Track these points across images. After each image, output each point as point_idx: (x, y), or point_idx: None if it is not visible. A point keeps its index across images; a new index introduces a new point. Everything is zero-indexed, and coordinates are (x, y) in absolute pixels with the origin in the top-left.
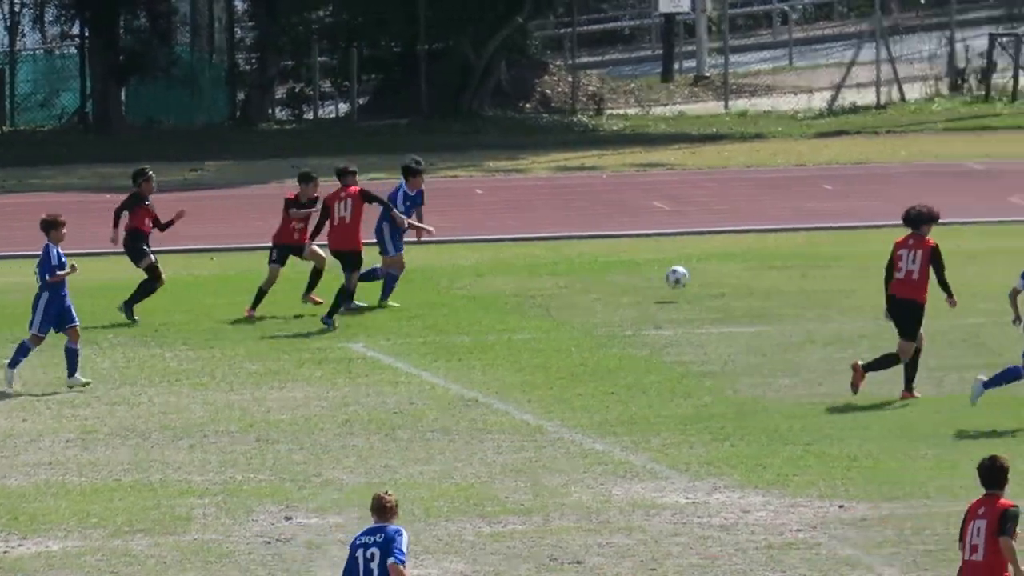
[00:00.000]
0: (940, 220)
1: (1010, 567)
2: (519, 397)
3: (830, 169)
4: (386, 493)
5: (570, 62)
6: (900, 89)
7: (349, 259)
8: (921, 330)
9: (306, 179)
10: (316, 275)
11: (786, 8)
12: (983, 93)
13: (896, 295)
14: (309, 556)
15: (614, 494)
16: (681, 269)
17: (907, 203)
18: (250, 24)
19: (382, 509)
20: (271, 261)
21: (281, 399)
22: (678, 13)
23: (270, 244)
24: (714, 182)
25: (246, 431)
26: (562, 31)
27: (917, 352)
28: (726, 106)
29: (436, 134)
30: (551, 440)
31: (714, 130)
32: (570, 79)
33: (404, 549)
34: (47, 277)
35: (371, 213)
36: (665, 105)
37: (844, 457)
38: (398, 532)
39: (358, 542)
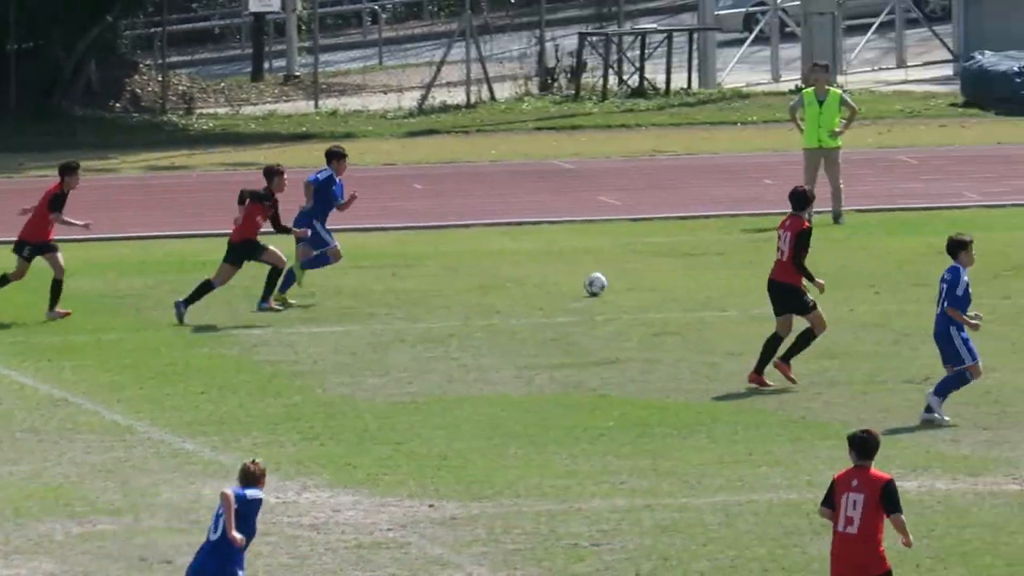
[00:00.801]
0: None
1: (904, 538)
2: (108, 397)
3: (420, 168)
4: (252, 462)
5: (160, 61)
6: (490, 88)
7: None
8: (816, 313)
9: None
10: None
11: (376, 7)
12: (573, 92)
13: (772, 278)
14: None
15: (204, 494)
16: (600, 277)
17: (498, 201)
18: None
19: (249, 477)
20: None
21: None
22: (268, 12)
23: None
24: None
25: None
26: (152, 30)
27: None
28: (316, 105)
29: (27, 135)
30: (141, 440)
31: (304, 129)
32: (160, 78)
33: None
34: None
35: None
36: (255, 104)
37: (434, 456)
38: (255, 500)
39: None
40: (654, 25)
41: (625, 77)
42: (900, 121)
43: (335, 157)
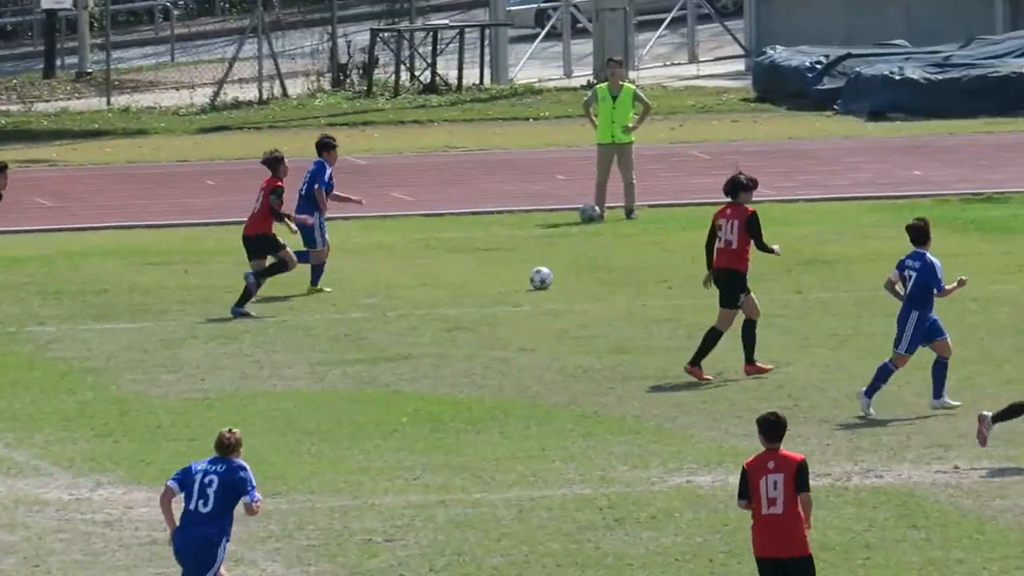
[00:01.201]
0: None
1: (806, 518)
2: None
3: (212, 165)
4: (229, 431)
5: None
6: (283, 85)
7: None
8: (754, 301)
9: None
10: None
11: (168, 4)
12: (365, 88)
13: (718, 265)
14: None
15: None
16: (545, 270)
17: (290, 198)
18: None
19: (223, 446)
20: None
21: None
22: (60, 9)
23: None
24: (97, 178)
25: None
26: None
27: (752, 324)
28: (109, 102)
29: None
30: None
31: (96, 126)
32: None
33: (255, 484)
34: None
35: None
36: (48, 101)
37: None
38: (242, 468)
39: (198, 468)
40: (446, 21)
41: (417, 73)
42: (692, 116)
43: (327, 148)
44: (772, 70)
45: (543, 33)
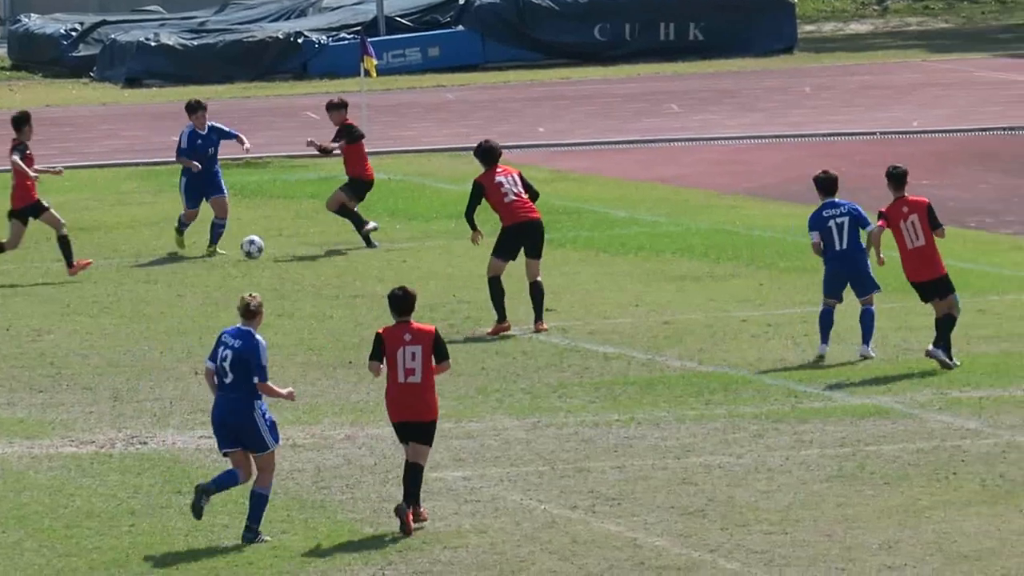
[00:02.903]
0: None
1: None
2: None
3: None
4: (251, 295)
5: None
6: None
7: None
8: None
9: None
10: None
11: None
12: None
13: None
14: None
15: None
16: (257, 239)
17: None
18: None
19: (247, 311)
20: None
21: None
22: None
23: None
24: None
25: None
26: None
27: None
28: None
29: None
30: None
31: None
32: None
33: (264, 364)
34: None
35: None
36: None
37: None
38: (255, 348)
39: (224, 337)
40: None
41: None
42: None
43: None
44: (27, 38)
45: None
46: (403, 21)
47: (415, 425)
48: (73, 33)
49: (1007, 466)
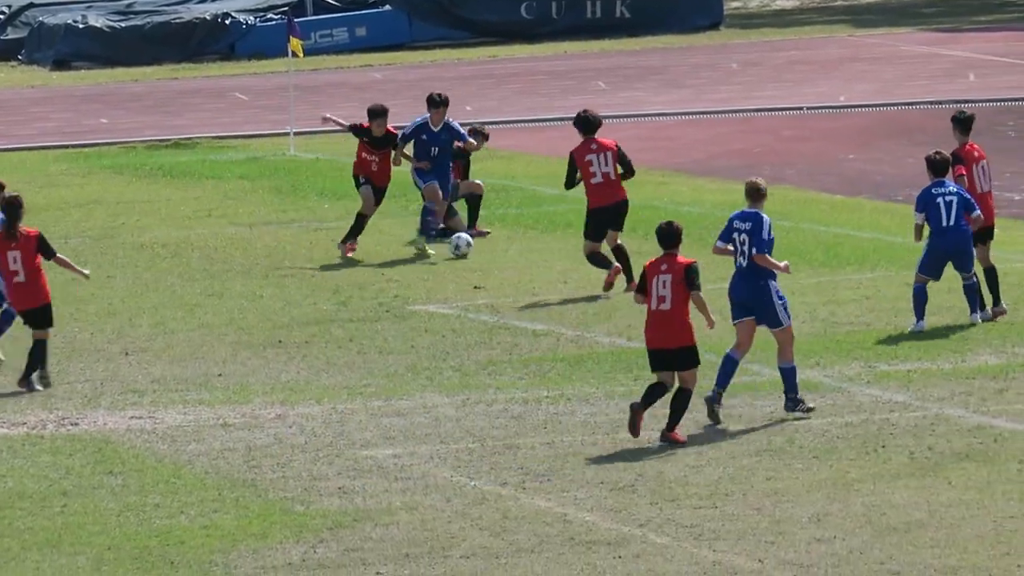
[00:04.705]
0: None
1: (703, 315)
2: None
3: None
4: (757, 178)
5: None
6: None
7: None
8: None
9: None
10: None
11: None
12: None
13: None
14: None
15: None
16: (465, 236)
17: None
18: None
19: (754, 193)
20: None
21: None
22: None
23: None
24: None
25: None
26: None
27: None
28: None
29: None
30: None
31: None
32: None
33: (766, 237)
34: None
35: None
36: None
37: None
38: (761, 223)
39: (734, 222)
40: None
41: None
42: None
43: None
44: None
45: None
46: (330, 1)
47: (672, 352)
48: (1, 16)
49: (935, 439)
